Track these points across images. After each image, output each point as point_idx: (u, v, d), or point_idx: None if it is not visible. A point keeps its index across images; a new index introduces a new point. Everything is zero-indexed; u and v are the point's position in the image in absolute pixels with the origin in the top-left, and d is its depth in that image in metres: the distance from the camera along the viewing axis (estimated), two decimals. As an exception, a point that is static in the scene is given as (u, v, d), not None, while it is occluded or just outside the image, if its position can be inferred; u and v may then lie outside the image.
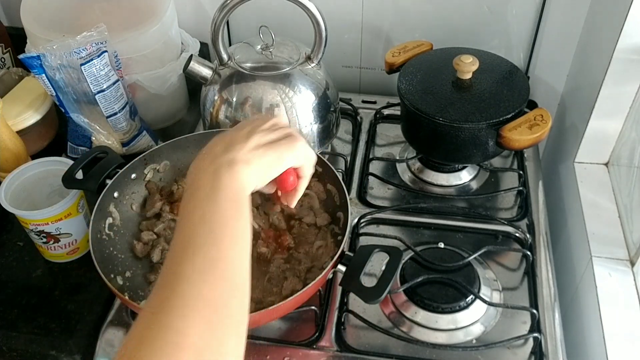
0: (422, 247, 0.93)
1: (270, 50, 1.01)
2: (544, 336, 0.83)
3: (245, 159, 0.57)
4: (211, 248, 0.50)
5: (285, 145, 0.61)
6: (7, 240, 0.98)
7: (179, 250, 0.51)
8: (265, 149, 0.60)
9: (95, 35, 0.95)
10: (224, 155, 0.57)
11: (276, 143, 0.61)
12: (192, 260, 0.49)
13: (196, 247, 0.50)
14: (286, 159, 0.61)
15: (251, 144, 0.59)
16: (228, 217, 0.53)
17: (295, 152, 0.62)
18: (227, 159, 0.57)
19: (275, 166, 0.61)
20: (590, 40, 1.08)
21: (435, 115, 0.95)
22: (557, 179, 1.18)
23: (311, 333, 0.84)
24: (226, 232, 0.52)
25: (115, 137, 1.08)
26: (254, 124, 0.63)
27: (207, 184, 0.55)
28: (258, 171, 0.58)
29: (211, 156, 0.58)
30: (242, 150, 0.58)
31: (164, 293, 0.48)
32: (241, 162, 0.57)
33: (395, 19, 1.20)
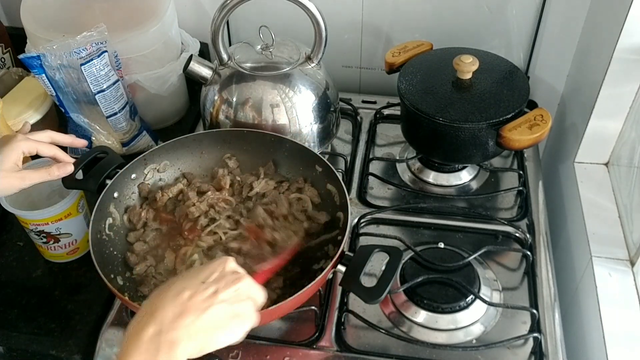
0: (422, 247, 0.93)
1: (270, 50, 1.01)
2: (544, 336, 0.83)
3: (190, 338, 0.55)
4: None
5: (237, 324, 0.58)
6: (7, 240, 0.98)
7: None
8: (216, 328, 0.57)
9: (95, 35, 0.95)
10: (169, 333, 0.54)
11: (231, 320, 0.58)
12: None
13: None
14: (232, 338, 0.58)
15: (204, 319, 0.56)
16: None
17: (243, 331, 0.59)
18: (170, 338, 0.54)
19: (220, 344, 0.57)
20: (590, 40, 1.08)
21: (435, 115, 0.95)
22: (557, 179, 1.18)
23: (311, 333, 0.84)
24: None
25: (115, 137, 1.08)
26: (216, 287, 0.58)
27: None
28: (200, 349, 0.56)
29: (156, 326, 0.54)
30: (192, 327, 0.55)
31: None
32: (183, 341, 0.54)
33: (395, 19, 1.20)
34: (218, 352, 0.80)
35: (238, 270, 0.62)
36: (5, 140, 0.80)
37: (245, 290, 0.60)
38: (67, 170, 0.83)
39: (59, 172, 0.82)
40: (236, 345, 0.82)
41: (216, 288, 0.58)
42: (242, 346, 0.82)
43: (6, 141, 0.80)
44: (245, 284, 0.60)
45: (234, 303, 0.58)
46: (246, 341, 0.82)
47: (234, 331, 0.58)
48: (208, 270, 0.61)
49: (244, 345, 0.82)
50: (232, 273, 0.61)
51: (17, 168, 0.80)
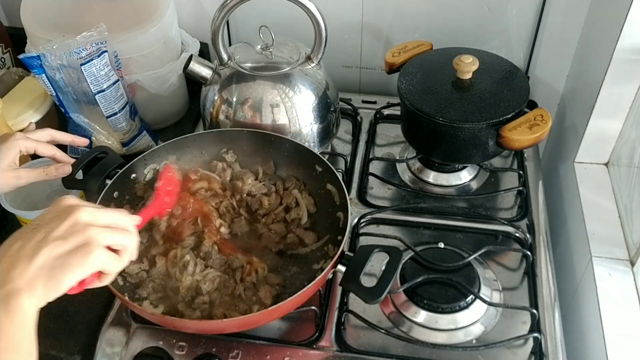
0: (422, 247, 0.93)
1: (270, 50, 1.01)
2: (544, 336, 0.83)
3: (28, 285, 0.52)
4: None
5: (73, 263, 0.54)
6: (7, 240, 0.98)
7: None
8: (49, 272, 0.53)
9: (95, 35, 0.96)
10: (3, 286, 0.52)
11: (68, 255, 0.54)
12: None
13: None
14: (70, 278, 0.54)
15: (36, 264, 0.53)
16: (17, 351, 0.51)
17: (90, 264, 0.55)
18: (4, 292, 0.51)
19: (56, 287, 0.54)
20: (590, 40, 1.08)
21: (435, 115, 0.95)
22: (557, 179, 1.18)
23: (311, 333, 0.84)
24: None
25: (115, 137, 1.08)
26: (48, 228, 0.55)
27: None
28: (40, 294, 0.53)
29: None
30: (25, 275, 0.52)
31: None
32: (22, 290, 0.52)
33: (395, 19, 1.20)
34: (218, 351, 0.81)
35: (75, 204, 0.58)
36: (4, 138, 0.80)
37: (84, 220, 0.56)
38: (64, 170, 0.83)
39: (56, 172, 0.82)
40: (236, 345, 0.82)
41: (48, 229, 0.55)
42: (242, 346, 0.82)
43: (4, 139, 0.80)
44: (83, 214, 0.57)
45: (68, 237, 0.55)
46: (246, 341, 0.82)
47: (77, 265, 0.54)
48: (42, 215, 0.58)
49: (244, 345, 0.82)
50: (67, 208, 0.57)
51: (14, 166, 0.80)
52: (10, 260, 0.54)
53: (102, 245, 0.57)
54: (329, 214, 0.90)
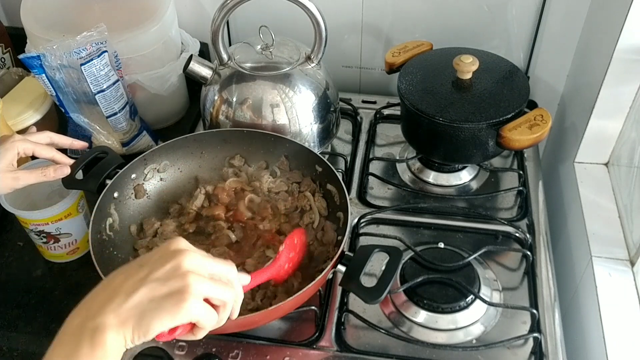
0: (422, 247, 0.93)
1: (270, 50, 1.01)
2: (544, 336, 0.83)
3: (118, 323, 0.51)
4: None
5: (171, 303, 0.52)
6: (7, 240, 0.98)
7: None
8: (145, 310, 0.52)
9: (95, 35, 0.95)
10: (94, 319, 0.51)
11: (162, 300, 0.52)
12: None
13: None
14: (168, 320, 0.52)
15: (131, 302, 0.52)
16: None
17: (182, 313, 0.52)
18: (94, 325, 0.51)
19: (155, 327, 0.52)
20: (590, 40, 1.08)
21: (435, 115, 0.95)
22: (557, 179, 1.18)
23: (311, 333, 0.84)
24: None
25: (115, 137, 1.08)
26: (151, 268, 0.54)
27: (64, 353, 0.51)
28: (134, 333, 0.52)
29: (84, 314, 0.52)
30: (117, 312, 0.51)
31: None
32: (111, 327, 0.51)
33: (395, 19, 1.20)
34: (218, 352, 0.81)
35: (183, 248, 0.56)
36: (2, 140, 0.80)
37: (187, 266, 0.54)
38: (63, 172, 0.83)
39: (54, 173, 0.82)
40: (236, 345, 0.82)
41: (150, 268, 0.54)
42: (242, 346, 0.82)
43: (2, 141, 0.80)
44: (187, 259, 0.55)
45: (167, 280, 0.53)
46: (246, 341, 0.82)
47: (168, 311, 0.52)
48: (151, 253, 0.57)
49: (244, 345, 0.82)
50: (174, 251, 0.55)
51: (12, 168, 0.80)
52: (109, 293, 0.53)
53: (200, 295, 0.54)
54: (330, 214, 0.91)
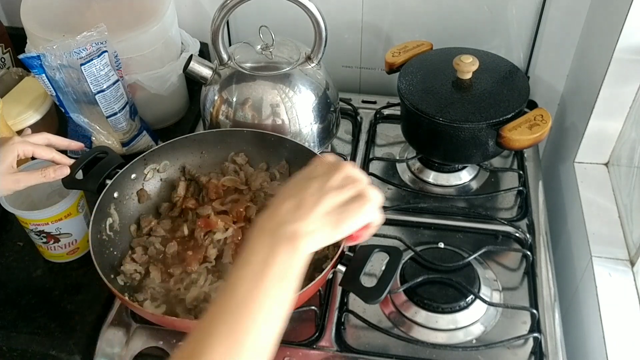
0: (422, 247, 0.93)
1: (270, 50, 1.01)
2: (544, 336, 0.83)
3: (309, 230, 0.55)
4: (243, 335, 0.51)
5: (354, 210, 0.58)
6: (7, 240, 0.98)
7: (217, 309, 0.53)
8: (332, 216, 0.57)
9: (95, 35, 0.95)
10: (288, 225, 0.55)
11: (346, 207, 0.58)
12: (221, 341, 0.51)
13: (230, 328, 0.51)
14: (353, 225, 0.59)
15: (320, 211, 0.57)
16: (272, 298, 0.54)
17: (363, 217, 0.59)
18: (289, 231, 0.55)
19: (340, 232, 0.58)
20: (590, 40, 1.08)
21: (435, 115, 0.95)
22: (557, 179, 1.18)
23: (311, 333, 0.84)
24: (264, 311, 0.53)
25: (115, 137, 1.08)
26: (325, 179, 0.59)
27: (261, 257, 0.54)
28: (321, 239, 0.57)
29: (276, 220, 0.56)
30: (308, 219, 0.56)
31: (195, 346, 0.51)
32: (304, 234, 0.55)
33: (395, 19, 1.20)
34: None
35: (339, 160, 0.62)
36: (2, 142, 0.80)
37: (354, 174, 0.60)
38: (63, 173, 0.83)
39: (54, 174, 0.82)
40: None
41: (323, 180, 0.59)
42: (242, 346, 0.82)
43: (2, 143, 0.80)
44: (351, 169, 0.61)
45: (343, 188, 0.58)
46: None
47: (356, 213, 0.58)
48: (310, 169, 0.62)
49: (244, 345, 0.82)
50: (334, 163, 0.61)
51: (13, 170, 0.80)
52: (294, 203, 0.57)
53: (372, 198, 0.60)
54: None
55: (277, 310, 0.54)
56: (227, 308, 0.52)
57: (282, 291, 0.54)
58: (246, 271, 0.54)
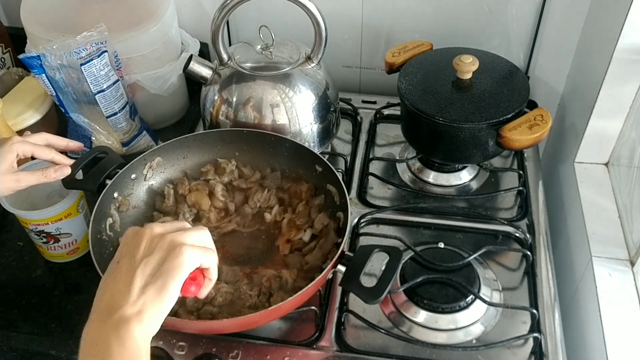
0: (422, 247, 0.93)
1: (270, 50, 1.01)
2: (544, 336, 0.83)
3: (135, 311, 0.52)
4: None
5: (170, 267, 0.54)
6: (7, 240, 0.98)
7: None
8: (152, 286, 0.53)
9: (95, 35, 0.95)
10: (110, 316, 0.52)
11: (161, 270, 0.54)
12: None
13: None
14: (177, 282, 0.54)
15: (136, 287, 0.53)
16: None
17: (184, 267, 0.55)
18: (114, 321, 0.51)
19: (169, 298, 0.54)
20: (590, 40, 1.08)
21: (435, 115, 0.95)
22: (557, 179, 1.18)
23: (311, 333, 0.84)
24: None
25: (115, 137, 1.08)
26: (131, 254, 0.56)
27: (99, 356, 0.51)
28: (153, 314, 0.53)
29: (98, 318, 0.53)
30: (129, 301, 0.52)
31: None
32: (131, 318, 0.51)
33: (395, 19, 1.20)
34: (218, 351, 0.81)
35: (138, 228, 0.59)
36: (1, 142, 0.81)
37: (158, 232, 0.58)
38: (63, 172, 0.83)
39: (55, 174, 0.82)
40: (236, 345, 0.82)
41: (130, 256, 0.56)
42: (242, 346, 0.82)
43: (2, 143, 0.80)
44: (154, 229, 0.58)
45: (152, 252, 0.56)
46: (246, 341, 0.82)
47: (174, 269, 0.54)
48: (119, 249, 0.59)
49: (244, 345, 0.82)
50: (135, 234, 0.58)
51: (13, 169, 0.80)
52: (111, 292, 0.54)
53: (188, 242, 0.57)
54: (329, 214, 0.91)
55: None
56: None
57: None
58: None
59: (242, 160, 0.99)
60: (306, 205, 0.92)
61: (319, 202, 0.92)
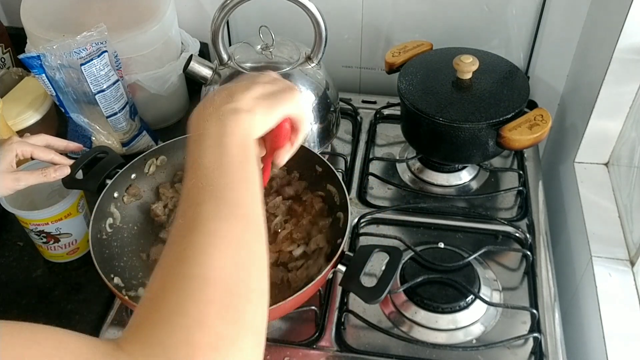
0: (422, 247, 0.93)
1: (270, 50, 1.01)
2: (544, 336, 0.83)
3: (248, 108, 0.57)
4: (227, 191, 0.50)
5: (285, 95, 0.61)
6: (7, 240, 0.98)
7: (194, 194, 0.51)
8: (266, 98, 0.59)
9: (95, 35, 0.95)
10: (227, 105, 0.57)
11: (276, 93, 0.61)
12: (210, 202, 0.49)
13: (213, 190, 0.50)
14: (286, 107, 0.61)
15: (253, 94, 0.59)
16: (238, 161, 0.53)
17: (294, 102, 0.62)
18: (230, 108, 0.56)
19: (276, 113, 0.60)
20: (590, 40, 1.08)
21: (435, 115, 0.95)
22: (557, 179, 1.18)
23: (311, 333, 0.84)
24: (238, 175, 0.52)
25: (115, 137, 1.08)
26: (254, 78, 0.63)
27: (213, 130, 0.54)
28: (261, 118, 0.58)
29: (213, 105, 0.57)
30: (244, 100, 0.58)
31: (186, 232, 0.47)
32: (244, 110, 0.56)
33: (395, 19, 1.20)
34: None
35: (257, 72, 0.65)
36: (1, 142, 0.81)
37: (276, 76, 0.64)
38: (63, 172, 0.83)
39: (55, 174, 0.83)
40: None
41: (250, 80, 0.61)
42: (242, 346, 0.82)
43: (1, 143, 0.80)
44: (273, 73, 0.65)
45: (273, 82, 0.61)
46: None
47: (286, 99, 0.60)
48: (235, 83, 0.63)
49: (244, 345, 0.82)
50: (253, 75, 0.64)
51: (12, 169, 0.80)
52: (226, 92, 0.58)
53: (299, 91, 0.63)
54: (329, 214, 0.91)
55: (253, 172, 0.54)
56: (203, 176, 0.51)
57: (245, 157, 0.54)
58: (205, 145, 0.53)
59: None
60: (311, 221, 0.91)
61: (324, 224, 0.90)
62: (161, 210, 0.91)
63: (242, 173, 0.53)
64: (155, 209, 0.91)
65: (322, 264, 0.84)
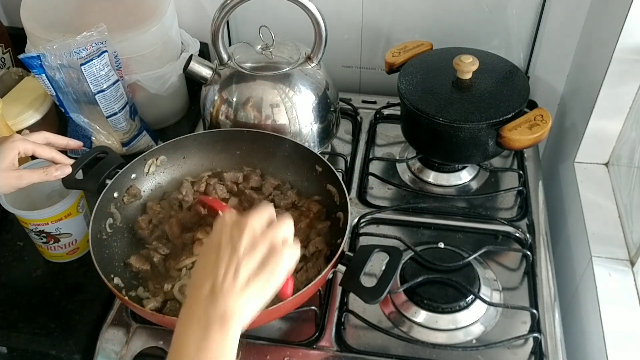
0: (422, 247, 0.93)
1: (270, 50, 1.01)
2: (544, 336, 0.83)
3: (239, 306, 0.55)
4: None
5: (274, 265, 0.57)
6: (7, 240, 0.98)
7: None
8: (256, 282, 0.56)
9: (95, 35, 0.95)
10: (214, 306, 0.54)
11: (264, 267, 0.57)
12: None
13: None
14: (279, 280, 0.57)
15: (241, 282, 0.55)
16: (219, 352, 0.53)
17: (285, 266, 0.58)
18: (219, 313, 0.54)
19: (269, 294, 0.57)
20: (590, 40, 1.08)
21: (435, 115, 0.95)
22: (557, 179, 1.18)
23: (311, 333, 0.84)
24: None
25: (115, 137, 1.08)
26: (232, 244, 0.58)
27: (196, 339, 0.53)
28: (253, 308, 0.56)
29: (202, 304, 0.55)
30: (233, 295, 0.54)
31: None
32: (234, 313, 0.54)
33: (395, 19, 1.20)
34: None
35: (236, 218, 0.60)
36: (2, 140, 0.81)
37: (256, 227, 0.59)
38: (64, 171, 0.83)
39: (56, 172, 0.83)
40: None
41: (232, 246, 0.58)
42: (242, 346, 0.82)
43: (3, 141, 0.80)
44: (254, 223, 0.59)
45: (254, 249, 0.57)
46: (246, 341, 0.83)
47: (276, 269, 0.57)
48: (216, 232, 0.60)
49: (243, 345, 0.82)
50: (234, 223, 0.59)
51: (14, 167, 0.80)
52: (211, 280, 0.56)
53: (287, 241, 0.59)
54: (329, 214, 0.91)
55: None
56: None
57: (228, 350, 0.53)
58: (184, 354, 0.53)
59: (260, 167, 0.98)
60: (309, 225, 0.90)
61: (322, 227, 0.90)
62: (145, 224, 0.91)
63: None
64: (141, 222, 0.91)
65: (321, 266, 0.84)
